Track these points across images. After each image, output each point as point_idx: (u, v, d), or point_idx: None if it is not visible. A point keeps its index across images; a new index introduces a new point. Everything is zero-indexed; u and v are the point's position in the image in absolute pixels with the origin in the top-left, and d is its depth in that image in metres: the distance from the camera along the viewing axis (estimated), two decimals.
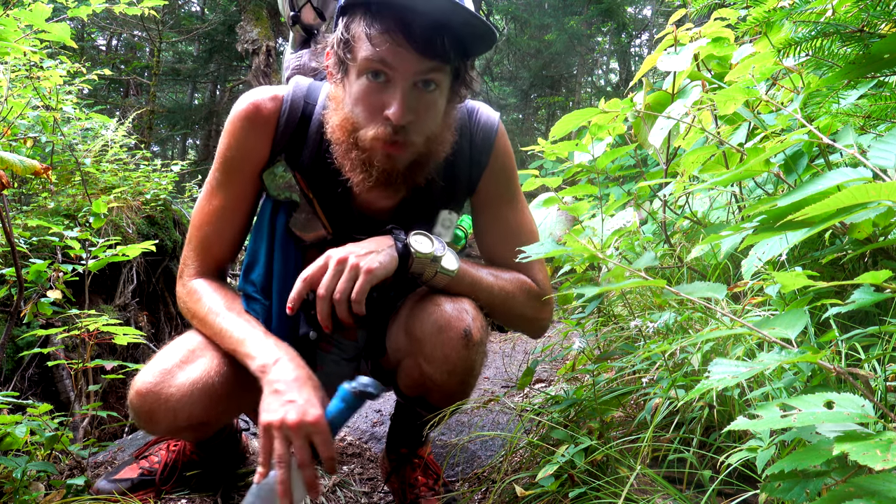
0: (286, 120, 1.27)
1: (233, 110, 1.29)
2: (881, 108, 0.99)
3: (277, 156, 1.29)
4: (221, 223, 1.32)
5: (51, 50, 3.35)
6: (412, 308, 1.29)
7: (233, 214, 1.32)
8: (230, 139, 1.28)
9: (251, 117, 1.26)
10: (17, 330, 2.36)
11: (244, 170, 1.29)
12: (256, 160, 1.29)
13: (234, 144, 1.28)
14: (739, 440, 1.00)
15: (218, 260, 1.34)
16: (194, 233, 1.33)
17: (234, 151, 1.28)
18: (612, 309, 1.92)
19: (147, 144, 7.13)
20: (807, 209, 0.65)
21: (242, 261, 1.40)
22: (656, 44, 1.64)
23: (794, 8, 1.07)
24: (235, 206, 1.32)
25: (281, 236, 1.31)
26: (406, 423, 1.51)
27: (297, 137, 1.28)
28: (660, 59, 1.53)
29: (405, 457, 1.52)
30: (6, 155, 1.30)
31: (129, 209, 3.16)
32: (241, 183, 1.30)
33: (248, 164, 1.29)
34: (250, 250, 1.36)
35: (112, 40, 10.64)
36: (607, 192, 1.80)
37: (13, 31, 1.74)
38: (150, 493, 1.49)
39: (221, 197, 1.31)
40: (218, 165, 1.31)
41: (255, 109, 1.26)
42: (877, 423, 0.62)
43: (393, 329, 1.36)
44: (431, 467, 1.54)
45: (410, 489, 1.48)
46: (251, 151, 1.28)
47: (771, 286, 1.09)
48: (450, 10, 1.08)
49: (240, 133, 1.27)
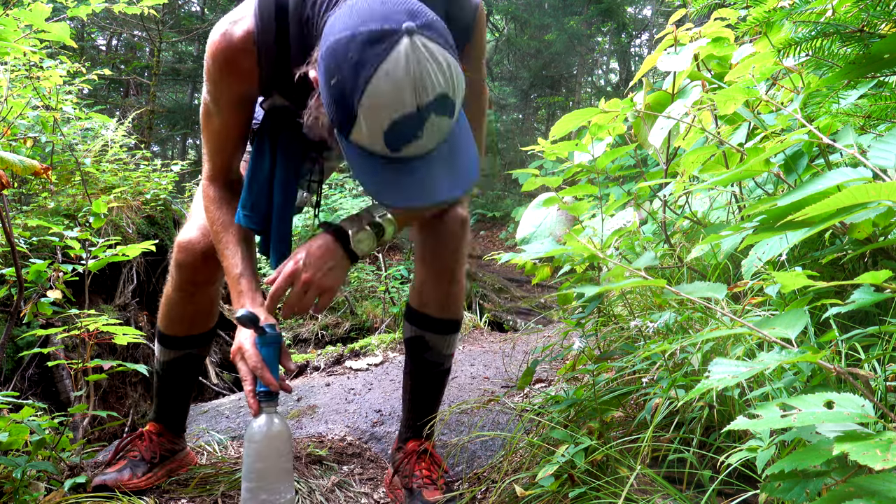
0: (264, 63, 1.22)
1: (209, 48, 1.24)
2: (881, 108, 0.99)
3: (270, 89, 1.29)
4: (222, 140, 1.36)
5: (51, 50, 3.36)
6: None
7: (231, 132, 1.35)
8: (212, 82, 1.27)
9: (229, 68, 1.23)
10: (17, 330, 2.37)
11: (233, 103, 1.30)
12: (244, 97, 1.30)
13: (217, 87, 1.27)
14: (739, 440, 1.00)
15: (227, 166, 1.41)
16: (204, 140, 1.38)
17: (218, 92, 1.28)
18: (612, 309, 1.92)
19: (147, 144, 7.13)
20: (807, 209, 0.65)
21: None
22: (656, 44, 1.64)
23: (794, 8, 1.07)
24: (231, 128, 1.34)
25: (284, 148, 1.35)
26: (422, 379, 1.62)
27: (281, 71, 1.23)
28: (660, 59, 1.53)
29: (415, 451, 1.57)
30: (6, 155, 1.30)
31: (129, 209, 3.16)
32: (233, 112, 1.31)
33: (236, 100, 1.29)
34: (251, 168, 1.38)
35: (112, 40, 10.64)
36: (607, 192, 1.80)
37: (13, 30, 1.74)
38: (151, 477, 1.54)
39: (217, 120, 1.32)
40: (207, 95, 1.30)
41: (230, 60, 1.22)
42: (877, 423, 0.62)
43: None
44: (436, 460, 1.59)
45: (413, 479, 1.52)
46: (236, 93, 1.28)
47: (771, 286, 1.09)
48: None
49: (222, 82, 1.26)
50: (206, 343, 1.65)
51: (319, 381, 2.77)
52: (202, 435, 2.01)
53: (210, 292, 1.58)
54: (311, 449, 1.82)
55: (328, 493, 1.57)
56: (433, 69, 0.95)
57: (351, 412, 2.19)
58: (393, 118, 0.96)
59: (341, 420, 2.12)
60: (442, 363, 1.61)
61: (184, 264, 1.50)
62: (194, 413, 2.34)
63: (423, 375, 1.63)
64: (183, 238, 1.50)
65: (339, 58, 0.96)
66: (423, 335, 1.57)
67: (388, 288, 4.82)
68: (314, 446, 1.86)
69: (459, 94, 1.02)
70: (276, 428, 1.22)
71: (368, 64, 0.94)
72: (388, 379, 2.64)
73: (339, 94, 0.98)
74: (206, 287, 1.55)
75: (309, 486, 1.57)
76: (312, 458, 1.76)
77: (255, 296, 1.31)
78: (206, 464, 1.72)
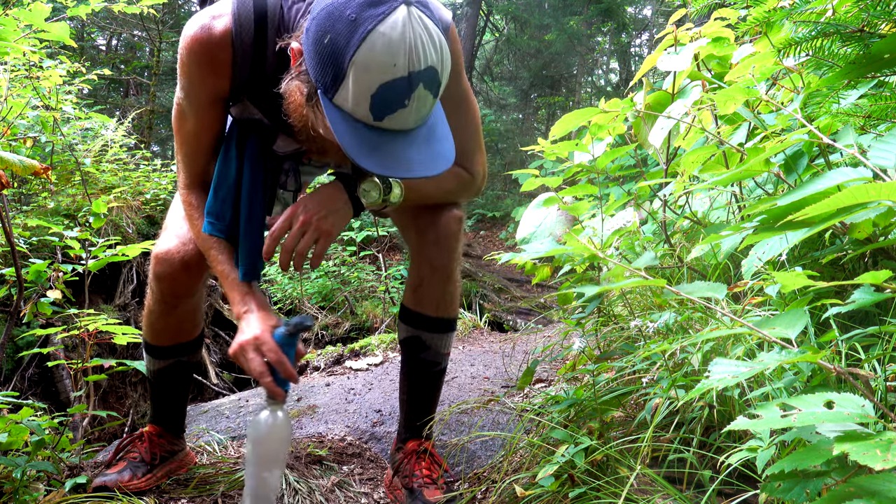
0: (240, 63, 1.21)
1: (184, 41, 1.21)
2: (881, 108, 0.99)
3: (240, 94, 1.27)
4: (196, 143, 1.33)
5: (50, 50, 3.36)
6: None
7: (205, 134, 1.33)
8: (186, 77, 1.24)
9: (207, 58, 1.20)
10: (17, 330, 2.37)
11: (206, 102, 1.27)
12: (219, 95, 1.27)
13: (192, 82, 1.24)
14: (739, 440, 1.00)
15: (201, 172, 1.38)
16: (177, 147, 1.36)
17: (193, 88, 1.25)
18: (612, 309, 1.92)
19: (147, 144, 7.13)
20: (807, 209, 0.65)
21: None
22: (656, 44, 1.64)
23: (794, 8, 1.07)
24: (205, 130, 1.32)
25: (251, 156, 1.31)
26: (419, 379, 1.61)
27: (255, 74, 1.23)
28: (660, 59, 1.53)
29: (415, 451, 1.56)
30: (6, 155, 1.30)
31: (129, 209, 3.16)
32: (207, 111, 1.29)
33: (209, 97, 1.27)
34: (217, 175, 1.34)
35: (112, 40, 10.63)
36: (607, 192, 1.80)
37: (13, 30, 1.74)
38: (151, 478, 1.53)
39: (191, 121, 1.30)
40: (181, 92, 1.27)
41: (208, 52, 1.19)
42: (877, 423, 0.62)
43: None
44: (436, 459, 1.59)
45: (414, 479, 1.52)
46: (210, 88, 1.25)
47: (771, 286, 1.09)
48: None
49: (195, 75, 1.23)
50: (194, 350, 1.63)
51: (319, 381, 2.77)
52: (202, 435, 2.01)
53: (192, 303, 1.55)
54: (311, 449, 1.82)
55: (328, 493, 1.57)
56: (426, 41, 0.97)
57: (351, 412, 2.19)
58: (383, 80, 0.96)
59: (341, 420, 2.12)
60: (439, 362, 1.61)
61: (163, 276, 1.45)
62: (194, 413, 2.34)
63: (420, 375, 1.62)
64: (160, 249, 1.45)
65: (335, 16, 0.97)
66: (420, 335, 1.56)
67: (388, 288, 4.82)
68: (314, 446, 1.86)
69: (445, 75, 1.03)
70: (282, 420, 1.25)
71: (366, 22, 0.95)
72: (388, 379, 2.64)
73: (330, 51, 0.98)
74: (188, 298, 1.51)
75: (309, 486, 1.57)
76: (312, 458, 1.76)
77: (258, 296, 1.30)
78: (206, 464, 1.72)
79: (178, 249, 1.43)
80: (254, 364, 1.21)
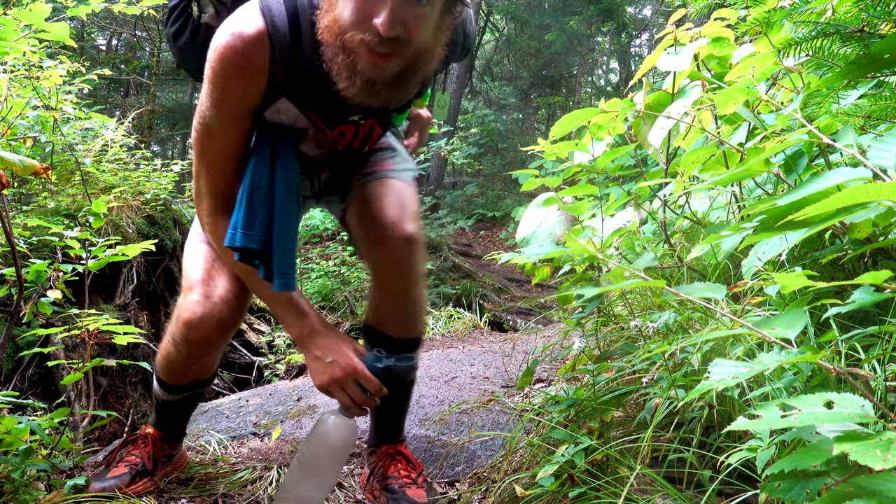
0: (278, 59, 1.19)
1: (216, 53, 1.18)
2: (881, 108, 0.99)
3: (276, 93, 1.24)
4: (225, 161, 1.30)
5: (50, 50, 3.36)
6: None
7: (235, 149, 1.29)
8: (220, 89, 1.20)
9: (243, 64, 1.18)
10: (17, 330, 2.37)
11: (239, 114, 1.24)
12: (253, 104, 1.24)
13: (227, 93, 1.21)
14: (739, 440, 1.00)
15: (228, 194, 1.33)
16: (200, 172, 1.31)
17: (226, 100, 1.22)
18: (612, 309, 1.92)
19: (147, 144, 7.13)
20: (807, 209, 0.65)
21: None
22: (656, 44, 1.64)
23: (794, 8, 1.07)
24: (234, 144, 1.28)
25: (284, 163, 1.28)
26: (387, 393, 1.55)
27: (294, 68, 1.21)
28: (660, 59, 1.53)
29: (389, 454, 1.57)
30: (6, 155, 1.30)
31: (129, 209, 3.16)
32: (237, 124, 1.26)
33: (242, 108, 1.24)
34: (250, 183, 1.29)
35: (112, 40, 10.64)
36: (607, 192, 1.80)
37: (13, 30, 1.74)
38: (149, 483, 1.52)
39: (221, 138, 1.27)
40: (210, 110, 1.23)
41: (243, 56, 1.17)
42: (877, 423, 0.62)
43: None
44: (412, 461, 1.58)
45: (393, 480, 1.52)
46: (245, 98, 1.22)
47: (771, 286, 1.09)
48: None
49: (231, 85, 1.20)
50: (207, 385, 1.60)
51: None
52: (202, 435, 2.01)
53: (218, 353, 1.53)
54: None
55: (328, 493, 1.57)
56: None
57: None
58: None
59: None
60: (404, 377, 1.55)
61: (195, 340, 1.39)
62: (194, 413, 2.33)
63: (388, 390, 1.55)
64: (192, 315, 1.36)
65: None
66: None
67: None
68: None
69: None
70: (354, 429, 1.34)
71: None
72: None
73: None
74: (217, 350, 1.50)
75: None
76: None
77: (314, 314, 1.34)
78: (206, 463, 1.72)
79: (210, 311, 1.36)
80: (358, 397, 1.30)
